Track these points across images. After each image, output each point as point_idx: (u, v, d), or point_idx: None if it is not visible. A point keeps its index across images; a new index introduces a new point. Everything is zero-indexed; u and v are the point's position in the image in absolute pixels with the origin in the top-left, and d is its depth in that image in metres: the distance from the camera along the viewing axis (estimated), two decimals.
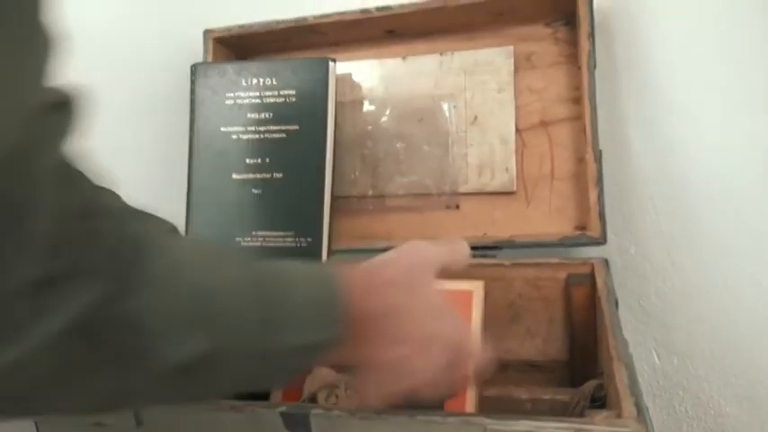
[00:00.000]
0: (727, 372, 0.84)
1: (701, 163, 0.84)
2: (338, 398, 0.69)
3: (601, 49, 0.83)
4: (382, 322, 0.47)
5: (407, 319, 0.47)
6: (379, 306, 0.46)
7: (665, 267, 0.87)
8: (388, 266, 0.49)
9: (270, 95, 0.89)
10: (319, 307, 0.44)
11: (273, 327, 0.42)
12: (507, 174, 0.87)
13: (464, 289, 0.75)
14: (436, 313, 0.49)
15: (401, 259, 0.50)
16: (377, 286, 0.47)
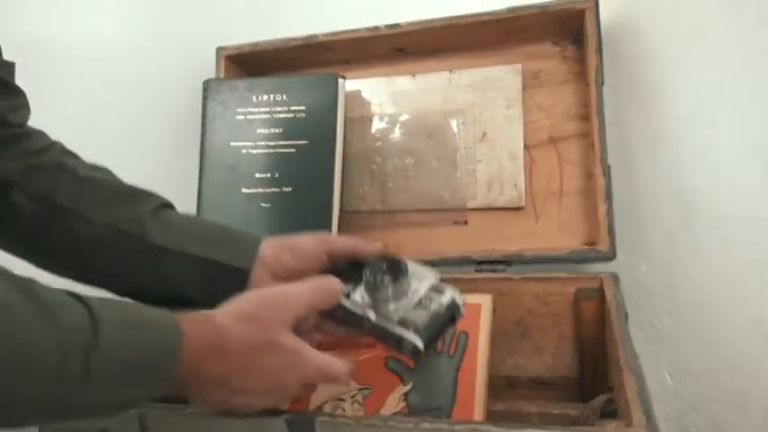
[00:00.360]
0: (742, 393, 0.82)
1: (712, 180, 0.83)
2: (344, 411, 0.69)
3: (607, 68, 0.84)
4: (219, 384, 0.50)
5: (247, 379, 0.51)
6: (219, 371, 0.49)
7: (677, 286, 0.86)
8: (240, 330, 0.51)
9: (280, 111, 0.90)
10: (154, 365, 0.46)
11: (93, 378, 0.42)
12: (516, 189, 0.87)
13: (472, 302, 0.74)
14: (280, 371, 0.52)
15: (256, 321, 0.52)
16: (224, 352, 0.49)
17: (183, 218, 0.66)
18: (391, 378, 0.71)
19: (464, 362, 0.70)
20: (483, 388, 0.68)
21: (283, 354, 0.51)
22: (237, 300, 0.52)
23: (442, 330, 0.59)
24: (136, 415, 0.58)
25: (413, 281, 0.59)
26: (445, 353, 0.71)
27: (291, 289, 0.54)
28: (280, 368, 0.51)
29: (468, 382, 0.69)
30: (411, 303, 0.58)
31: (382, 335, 0.58)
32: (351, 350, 0.74)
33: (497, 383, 0.81)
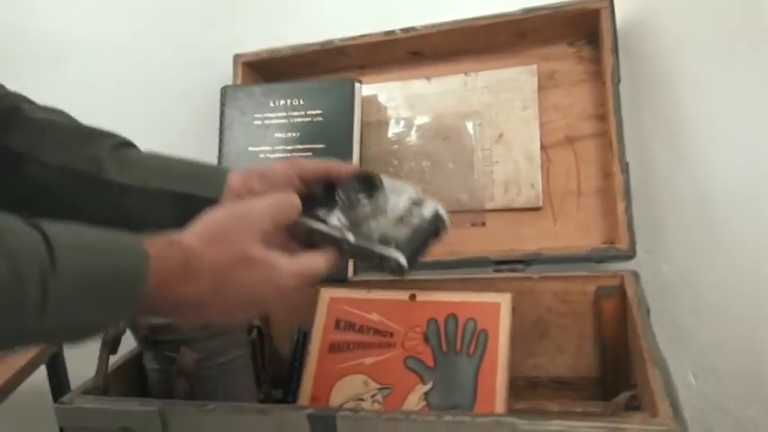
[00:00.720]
0: (764, 390, 0.81)
1: (732, 178, 0.83)
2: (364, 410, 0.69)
3: (623, 67, 0.83)
4: (193, 307, 0.48)
5: (223, 299, 0.48)
6: (192, 294, 0.47)
7: (698, 284, 0.85)
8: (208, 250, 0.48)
9: (297, 116, 0.91)
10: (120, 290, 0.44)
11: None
12: (533, 190, 0.87)
13: (492, 301, 0.74)
14: (257, 285, 0.49)
15: (223, 238, 0.49)
16: (194, 274, 0.47)
17: (145, 154, 0.63)
18: (411, 377, 0.71)
19: (484, 361, 0.70)
20: (504, 386, 0.68)
21: (256, 267, 0.49)
22: (201, 220, 0.50)
23: (426, 244, 0.55)
24: (157, 412, 0.58)
25: (390, 196, 0.55)
26: (465, 352, 0.71)
27: (253, 204, 0.52)
28: (255, 282, 0.49)
29: (489, 380, 0.68)
30: (391, 219, 0.54)
31: (363, 255, 0.54)
32: (370, 350, 0.75)
33: (518, 384, 0.80)
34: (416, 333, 0.74)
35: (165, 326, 0.66)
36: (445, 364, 0.71)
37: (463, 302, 0.75)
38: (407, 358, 0.73)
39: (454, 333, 0.73)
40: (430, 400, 0.69)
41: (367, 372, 0.73)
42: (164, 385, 0.67)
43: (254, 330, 0.73)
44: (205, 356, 0.67)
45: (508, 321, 0.72)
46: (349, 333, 0.77)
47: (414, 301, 0.77)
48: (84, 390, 0.64)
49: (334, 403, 0.71)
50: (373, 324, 0.76)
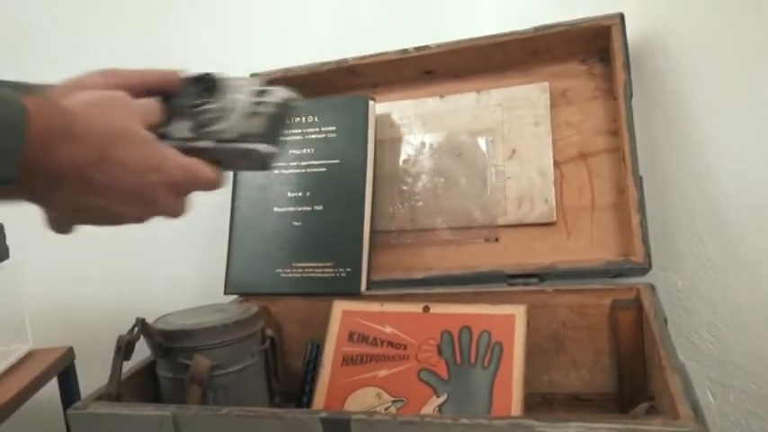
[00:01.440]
0: None
1: (746, 191, 0.82)
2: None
3: (634, 83, 0.84)
4: (74, 177, 0.44)
5: (105, 172, 0.45)
6: (72, 160, 0.43)
7: (715, 300, 0.84)
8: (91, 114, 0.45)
9: (312, 132, 0.92)
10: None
11: None
12: (546, 205, 0.87)
13: (506, 313, 0.74)
14: (142, 169, 0.47)
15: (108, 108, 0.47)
16: (76, 137, 0.43)
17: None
18: (425, 390, 0.71)
19: (499, 373, 0.69)
20: (519, 400, 0.67)
21: (142, 146, 0.46)
22: (74, 94, 0.46)
23: (283, 126, 0.54)
24: (170, 416, 0.58)
25: (232, 93, 0.53)
26: (479, 364, 0.71)
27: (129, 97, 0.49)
28: (140, 164, 0.46)
29: (505, 392, 0.67)
30: (242, 114, 0.52)
31: (228, 157, 0.52)
32: (383, 362, 0.74)
33: (533, 401, 0.79)
34: (430, 345, 0.74)
35: (180, 332, 0.66)
36: (459, 376, 0.71)
37: (477, 314, 0.74)
38: (421, 371, 0.72)
39: (468, 345, 0.73)
40: (445, 413, 0.68)
41: (380, 384, 0.73)
42: (176, 393, 0.67)
43: (267, 340, 0.73)
44: (218, 364, 0.66)
45: (523, 333, 0.71)
46: (362, 345, 0.76)
47: (427, 313, 0.77)
48: (97, 396, 0.64)
49: None
50: (387, 336, 0.76)
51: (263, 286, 0.89)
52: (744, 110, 0.82)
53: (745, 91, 0.82)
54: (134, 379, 0.70)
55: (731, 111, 0.83)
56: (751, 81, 0.82)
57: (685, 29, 0.85)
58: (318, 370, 0.76)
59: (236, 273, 0.91)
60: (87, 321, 1.12)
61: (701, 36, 0.84)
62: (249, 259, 0.91)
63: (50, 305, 1.16)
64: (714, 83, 0.84)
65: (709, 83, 0.84)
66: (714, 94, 0.84)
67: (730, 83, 0.83)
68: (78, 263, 1.15)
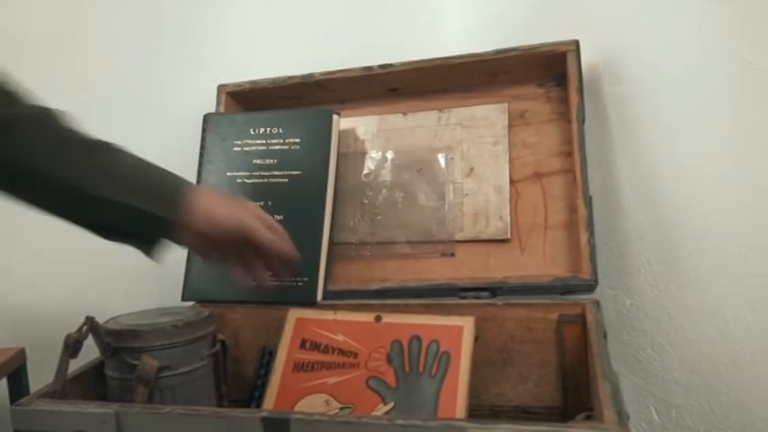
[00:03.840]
0: (725, 425, 0.81)
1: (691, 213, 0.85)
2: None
3: (590, 107, 0.87)
4: None
5: None
6: None
7: (660, 319, 0.87)
8: None
9: (275, 143, 0.94)
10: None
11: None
12: (501, 222, 0.89)
13: (455, 324, 0.75)
14: None
15: None
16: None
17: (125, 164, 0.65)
18: (373, 397, 0.72)
19: (445, 381, 0.71)
20: (464, 406, 0.68)
21: None
22: None
23: None
24: (113, 414, 0.58)
25: None
26: (427, 373, 0.72)
27: None
28: None
29: (450, 400, 0.69)
30: None
31: None
32: (333, 370, 0.75)
33: (481, 413, 0.81)
34: (380, 354, 0.75)
35: (128, 332, 0.67)
36: (407, 384, 0.72)
37: (427, 325, 0.76)
38: (370, 378, 0.73)
39: (417, 355, 0.74)
40: None
41: (329, 391, 0.74)
42: (123, 393, 0.67)
43: (217, 344, 0.74)
44: (166, 365, 0.67)
45: (470, 344, 0.73)
46: (314, 353, 0.77)
47: (379, 322, 0.78)
48: (42, 393, 0.64)
49: None
50: (338, 344, 0.77)
51: (221, 294, 0.90)
52: (691, 136, 0.85)
53: (693, 118, 0.85)
54: (82, 378, 0.70)
55: (680, 136, 0.86)
56: (698, 109, 0.85)
57: (637, 58, 0.89)
58: (269, 376, 0.77)
59: (194, 280, 0.92)
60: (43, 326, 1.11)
61: (653, 64, 0.88)
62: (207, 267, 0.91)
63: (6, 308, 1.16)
64: (664, 109, 0.87)
65: (659, 109, 0.87)
66: (664, 119, 0.87)
67: (679, 110, 0.86)
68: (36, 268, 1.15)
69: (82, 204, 0.62)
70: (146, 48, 1.11)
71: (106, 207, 0.62)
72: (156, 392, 0.66)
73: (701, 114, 0.85)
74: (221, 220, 0.66)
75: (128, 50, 1.12)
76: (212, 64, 1.06)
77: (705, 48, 0.84)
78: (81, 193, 0.61)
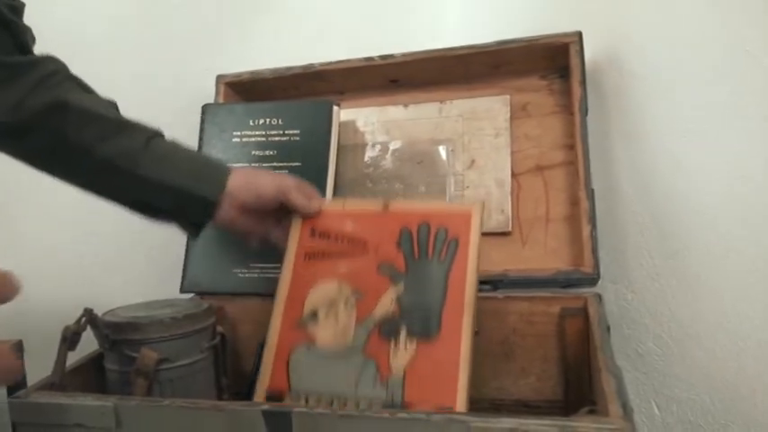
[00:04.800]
0: (726, 419, 0.81)
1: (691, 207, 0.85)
2: (338, 316, 0.71)
3: (593, 100, 0.87)
4: None
5: None
6: None
7: (661, 313, 0.86)
8: None
9: (275, 134, 0.93)
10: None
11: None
12: (503, 215, 0.89)
13: (463, 211, 0.74)
14: None
15: None
16: None
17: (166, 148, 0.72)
18: (383, 281, 0.72)
19: (454, 265, 0.71)
20: (472, 290, 0.68)
21: None
22: None
23: None
24: (112, 407, 0.58)
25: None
26: (436, 258, 0.72)
27: None
28: None
29: (459, 283, 0.69)
30: None
31: None
32: (344, 258, 0.75)
33: (481, 407, 0.80)
34: (389, 241, 0.75)
35: (127, 324, 0.66)
36: (416, 269, 0.71)
37: (435, 211, 0.75)
38: (380, 265, 0.73)
39: (426, 241, 0.73)
40: (401, 301, 0.70)
41: (341, 277, 0.74)
42: (122, 386, 0.67)
43: (217, 336, 0.73)
44: (165, 358, 0.66)
45: (478, 230, 0.72)
46: (323, 241, 0.77)
47: (387, 210, 0.77)
48: (40, 386, 0.63)
49: (309, 307, 0.72)
50: (347, 234, 0.76)
51: (220, 285, 0.89)
52: (693, 130, 0.85)
53: (695, 112, 0.85)
54: (80, 371, 0.69)
55: (681, 130, 0.86)
56: (700, 103, 0.85)
57: (640, 51, 0.88)
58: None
59: (194, 271, 0.91)
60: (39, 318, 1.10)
61: (656, 57, 0.87)
62: (207, 258, 0.91)
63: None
64: (666, 102, 0.86)
65: (662, 103, 0.87)
66: (666, 113, 0.86)
67: (681, 103, 0.86)
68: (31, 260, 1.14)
69: (131, 185, 0.69)
70: (144, 38, 1.10)
71: (155, 188, 0.69)
72: (156, 385, 0.66)
73: (703, 108, 0.84)
74: (262, 187, 0.73)
75: (126, 41, 1.10)
76: (211, 54, 1.05)
77: (709, 41, 0.83)
78: (131, 175, 0.68)
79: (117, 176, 0.68)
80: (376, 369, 0.67)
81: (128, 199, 0.72)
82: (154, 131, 0.72)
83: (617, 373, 0.56)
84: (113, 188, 0.71)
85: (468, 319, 0.67)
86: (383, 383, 0.66)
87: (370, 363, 0.68)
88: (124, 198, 0.72)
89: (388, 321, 0.69)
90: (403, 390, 0.65)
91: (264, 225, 0.77)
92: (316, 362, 0.70)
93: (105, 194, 0.72)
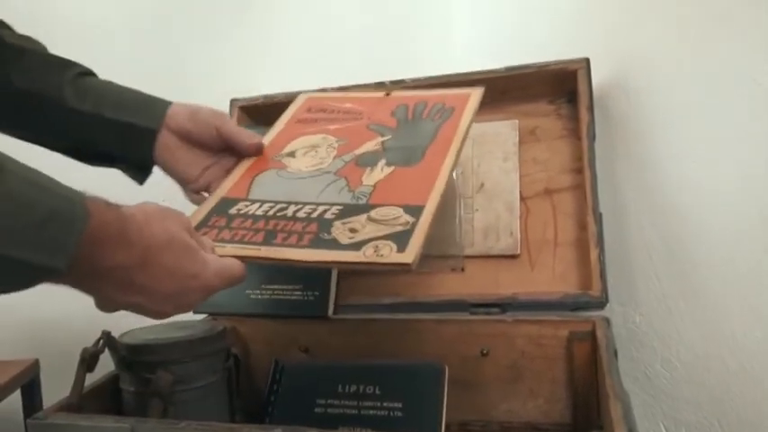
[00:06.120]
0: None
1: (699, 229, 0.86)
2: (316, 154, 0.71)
3: (601, 125, 0.88)
4: (120, 277, 0.48)
5: (149, 277, 0.49)
6: (121, 262, 0.47)
7: (669, 335, 0.87)
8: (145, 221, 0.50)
9: None
10: (55, 232, 0.43)
11: None
12: (511, 238, 0.90)
13: (463, 92, 0.75)
14: (182, 276, 0.52)
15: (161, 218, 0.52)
16: (128, 241, 0.47)
17: (100, 83, 0.71)
18: (370, 135, 0.73)
19: (446, 123, 0.72)
20: (460, 138, 0.69)
21: (185, 254, 0.51)
22: (139, 204, 0.52)
23: None
24: (129, 429, 0.59)
25: None
26: (429, 119, 0.73)
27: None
28: (181, 271, 0.51)
29: (448, 132, 0.70)
30: None
31: None
32: (336, 122, 0.76)
33: (491, 429, 0.81)
34: (384, 112, 0.76)
35: (144, 346, 0.68)
36: (407, 126, 0.73)
37: (435, 94, 0.76)
38: (370, 125, 0.74)
39: (421, 110, 0.75)
40: (386, 144, 0.70)
41: (328, 132, 0.75)
42: (138, 407, 0.68)
43: (231, 358, 0.74)
44: (181, 380, 0.68)
45: (475, 105, 0.73)
46: (319, 114, 0.78)
47: (388, 96, 0.79)
48: (58, 407, 0.65)
49: (288, 149, 0.73)
50: (344, 109, 0.78)
51: (233, 306, 0.91)
52: (700, 154, 0.86)
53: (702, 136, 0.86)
54: (97, 392, 0.71)
55: (689, 154, 0.87)
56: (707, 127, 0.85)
57: (648, 75, 0.89)
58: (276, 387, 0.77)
59: None
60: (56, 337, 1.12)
61: (663, 82, 0.88)
62: None
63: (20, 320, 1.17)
64: (673, 127, 0.87)
65: (668, 127, 0.88)
66: (673, 137, 0.87)
67: (688, 128, 0.87)
68: None
69: (64, 121, 0.67)
70: (159, 61, 1.12)
71: (93, 124, 0.67)
72: (171, 407, 0.67)
73: (710, 132, 0.85)
74: (201, 112, 0.70)
75: (141, 64, 1.13)
76: (225, 78, 1.08)
77: (716, 67, 0.85)
78: (62, 109, 0.66)
79: (45, 111, 0.67)
80: (346, 183, 0.66)
81: (63, 139, 0.69)
82: (86, 68, 0.71)
83: (624, 399, 0.56)
84: (43, 126, 0.68)
85: (451, 158, 0.66)
86: (350, 192, 0.64)
87: (341, 179, 0.66)
88: (58, 138, 0.69)
89: (367, 155, 0.69)
90: (370, 195, 0.63)
91: (208, 169, 0.72)
92: (282, 180, 0.69)
93: (38, 135, 0.69)
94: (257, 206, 0.65)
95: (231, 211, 0.65)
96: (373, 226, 0.59)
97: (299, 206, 0.64)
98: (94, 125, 0.68)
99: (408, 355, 0.83)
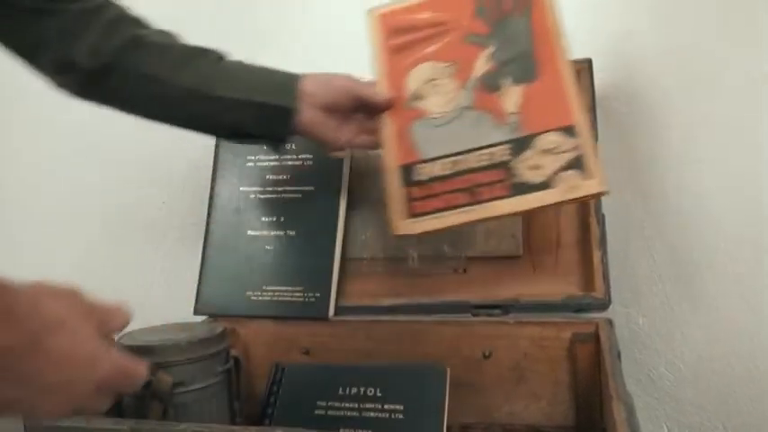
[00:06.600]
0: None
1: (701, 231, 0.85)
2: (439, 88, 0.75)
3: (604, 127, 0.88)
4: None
5: (33, 363, 0.40)
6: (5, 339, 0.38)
7: (673, 337, 0.86)
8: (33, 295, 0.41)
9: (289, 159, 0.95)
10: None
11: None
12: (514, 239, 0.89)
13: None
14: (74, 364, 0.42)
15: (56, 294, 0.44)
16: (14, 318, 0.39)
17: (233, 66, 0.75)
18: (472, 50, 0.76)
19: (533, 16, 0.74)
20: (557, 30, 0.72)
21: (77, 339, 0.43)
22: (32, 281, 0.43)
23: None
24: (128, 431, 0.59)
25: None
26: (515, 13, 0.75)
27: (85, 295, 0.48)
28: (71, 358, 0.42)
29: (542, 29, 0.73)
30: None
31: None
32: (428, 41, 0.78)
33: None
34: (467, 15, 0.77)
35: (143, 348, 0.67)
36: (499, 28, 0.75)
37: None
38: (465, 37, 0.76)
39: (499, 3, 0.76)
40: (494, 57, 0.74)
41: (431, 57, 0.77)
42: (138, 409, 0.67)
43: (231, 360, 0.74)
44: (180, 382, 0.67)
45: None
46: (404, 35, 0.79)
47: None
48: None
49: (410, 90, 0.76)
50: (426, 21, 0.79)
51: (233, 308, 0.90)
52: (700, 156, 0.86)
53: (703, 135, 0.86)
54: None
55: (689, 156, 0.87)
56: (708, 126, 0.85)
57: (650, 76, 0.89)
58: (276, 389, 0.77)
59: (207, 294, 0.92)
60: None
61: (666, 83, 0.88)
62: (220, 281, 0.92)
63: None
64: (676, 128, 0.87)
65: (671, 128, 0.88)
66: (675, 139, 0.87)
67: (691, 130, 0.86)
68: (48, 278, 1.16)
69: (211, 109, 0.72)
70: None
71: (229, 107, 0.72)
72: (171, 409, 0.66)
73: (710, 133, 0.85)
74: (333, 80, 0.74)
75: None
76: None
77: (719, 70, 0.84)
78: (210, 98, 0.71)
79: (198, 102, 0.72)
80: (491, 116, 0.71)
81: (210, 124, 0.75)
82: (218, 53, 0.75)
83: (628, 401, 0.56)
84: (195, 115, 0.74)
85: (560, 53, 0.71)
86: (502, 126, 0.70)
87: (484, 114, 0.72)
88: (206, 124, 0.75)
89: (487, 77, 0.73)
90: (521, 126, 0.69)
91: (346, 129, 0.77)
92: (432, 131, 0.73)
93: (188, 123, 0.75)
94: (438, 165, 0.71)
95: (418, 177, 0.71)
96: (550, 157, 0.67)
97: (471, 154, 0.70)
98: (233, 109, 0.72)
99: (410, 357, 0.83)
